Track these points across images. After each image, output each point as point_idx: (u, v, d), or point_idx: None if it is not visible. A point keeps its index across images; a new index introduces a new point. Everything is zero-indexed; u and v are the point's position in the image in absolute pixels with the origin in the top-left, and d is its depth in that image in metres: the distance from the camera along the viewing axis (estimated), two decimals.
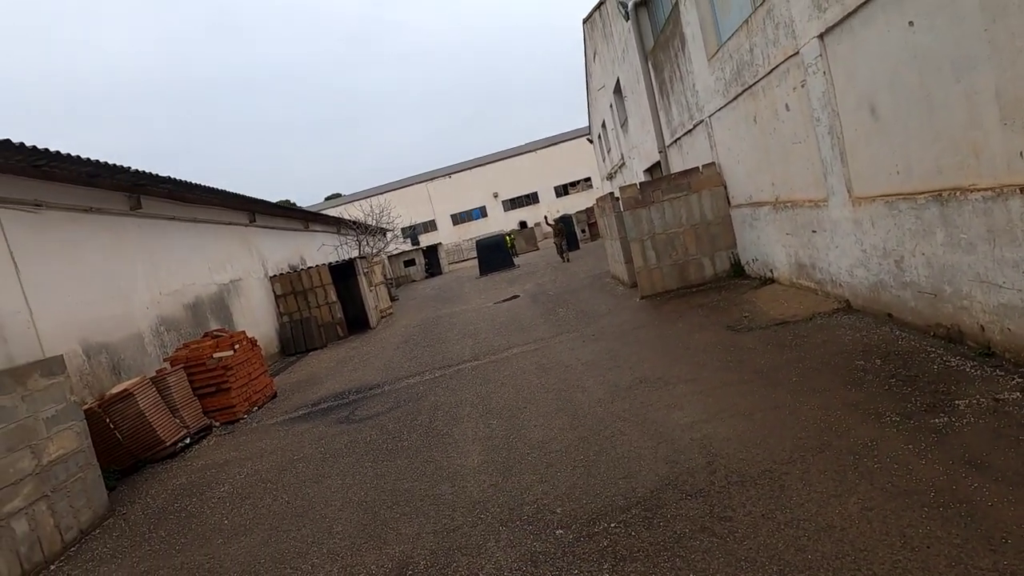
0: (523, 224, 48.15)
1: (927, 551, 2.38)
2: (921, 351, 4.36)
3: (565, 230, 22.03)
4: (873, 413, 3.61)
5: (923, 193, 4.35)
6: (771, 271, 8.06)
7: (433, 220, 52.22)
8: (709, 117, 9.12)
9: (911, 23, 4.10)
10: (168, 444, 6.97)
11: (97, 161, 7.87)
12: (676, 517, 3.08)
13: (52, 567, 4.57)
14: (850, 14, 4.76)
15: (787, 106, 6.44)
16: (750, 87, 7.26)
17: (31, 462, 4.67)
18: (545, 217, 29.68)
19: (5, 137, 6.27)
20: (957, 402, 3.46)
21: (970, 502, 2.60)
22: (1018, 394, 3.36)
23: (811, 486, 3.03)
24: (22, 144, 6.50)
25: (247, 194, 13.82)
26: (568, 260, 20.60)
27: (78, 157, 7.47)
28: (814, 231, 6.41)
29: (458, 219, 52.26)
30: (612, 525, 3.17)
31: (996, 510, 2.51)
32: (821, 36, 5.28)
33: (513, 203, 51.63)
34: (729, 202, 9.23)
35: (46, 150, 6.88)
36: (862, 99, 4.95)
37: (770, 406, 4.12)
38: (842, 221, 5.70)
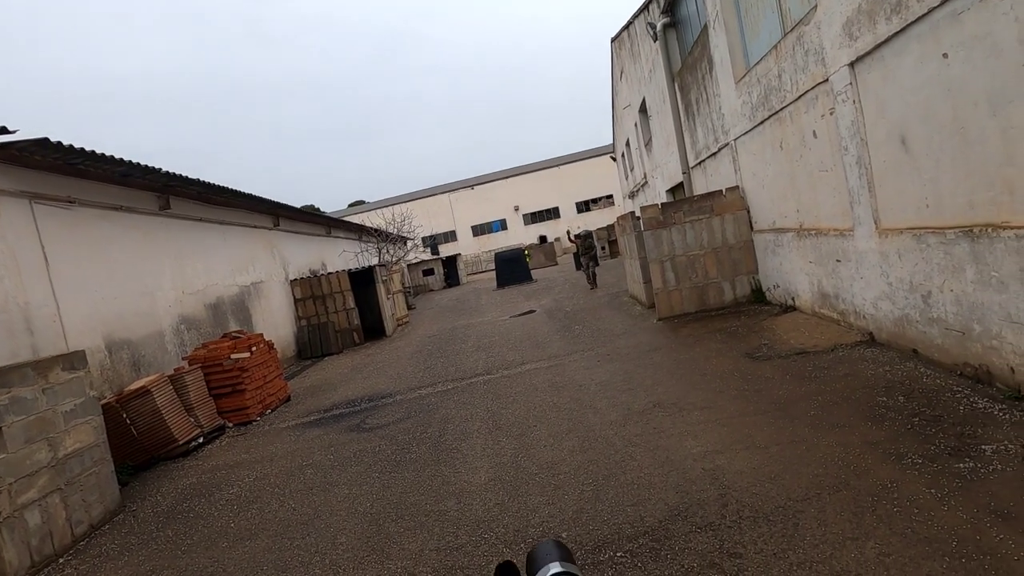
0: (543, 239, 48.22)
1: None
2: (947, 390, 4.22)
3: (593, 247, 17.48)
4: (894, 453, 3.49)
5: (953, 228, 4.24)
6: (793, 299, 7.92)
7: (453, 231, 52.61)
8: (734, 140, 9.05)
9: (945, 55, 4.03)
10: (181, 442, 7.05)
11: (130, 161, 8.09)
12: (684, 550, 3.00)
13: (61, 560, 4.63)
14: (882, 44, 4.69)
15: (814, 133, 6.36)
16: (777, 112, 7.19)
17: (47, 454, 4.75)
18: (568, 231, 28.89)
19: (43, 136, 6.48)
20: (984, 447, 3.33)
21: (995, 554, 2.48)
22: None
23: (826, 527, 2.93)
24: (59, 143, 6.71)
25: (272, 198, 14.09)
26: (596, 286, 16.63)
27: (112, 157, 7.69)
28: (838, 261, 6.29)
29: (478, 231, 52.56)
30: (618, 554, 3.10)
31: (1023, 564, 2.39)
32: (852, 64, 5.22)
33: (534, 217, 51.81)
34: (752, 227, 9.12)
35: (82, 149, 7.10)
36: (892, 130, 4.87)
37: (787, 440, 4.02)
38: (868, 252, 5.58)
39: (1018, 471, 3.03)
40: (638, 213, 10.27)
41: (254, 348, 8.74)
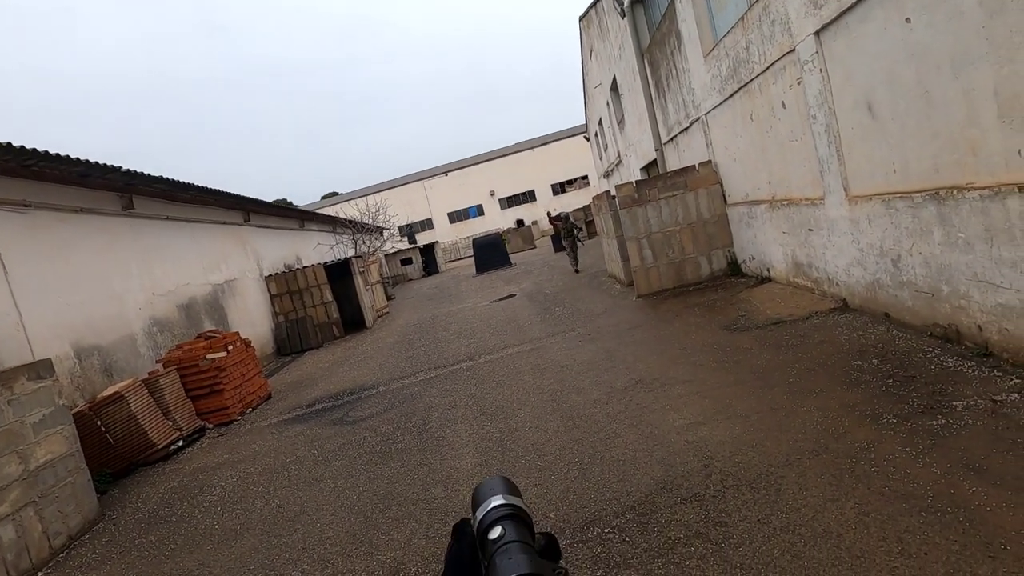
0: (520, 222, 48.04)
1: (924, 558, 2.34)
2: (918, 351, 4.32)
3: (574, 228, 16.55)
4: (870, 415, 3.57)
5: (920, 192, 4.30)
6: (768, 270, 8.02)
7: (430, 218, 52.10)
8: (705, 115, 9.06)
9: (908, 20, 4.05)
10: (160, 447, 6.90)
11: (87, 161, 7.78)
12: (671, 522, 3.03)
13: (40, 573, 4.51)
14: (846, 11, 4.71)
15: (783, 104, 6.39)
16: (746, 84, 7.20)
17: (18, 467, 4.60)
18: (548, 213, 28.54)
19: None
20: (955, 403, 3.42)
21: (968, 507, 2.55)
22: (1016, 396, 3.32)
23: (807, 490, 2.99)
24: (9, 144, 6.42)
25: (242, 193, 13.74)
26: (579, 270, 15.76)
27: (68, 157, 7.38)
28: (811, 230, 6.37)
29: (455, 217, 52.15)
30: (606, 531, 3.12)
31: (995, 515, 2.46)
32: (817, 33, 5.23)
33: (510, 201, 51.54)
34: (726, 200, 9.19)
35: (35, 150, 6.80)
36: (859, 97, 4.90)
37: (766, 408, 4.08)
38: (839, 220, 5.65)
39: (987, 425, 3.12)
40: (613, 192, 10.27)
41: (230, 347, 8.57)
